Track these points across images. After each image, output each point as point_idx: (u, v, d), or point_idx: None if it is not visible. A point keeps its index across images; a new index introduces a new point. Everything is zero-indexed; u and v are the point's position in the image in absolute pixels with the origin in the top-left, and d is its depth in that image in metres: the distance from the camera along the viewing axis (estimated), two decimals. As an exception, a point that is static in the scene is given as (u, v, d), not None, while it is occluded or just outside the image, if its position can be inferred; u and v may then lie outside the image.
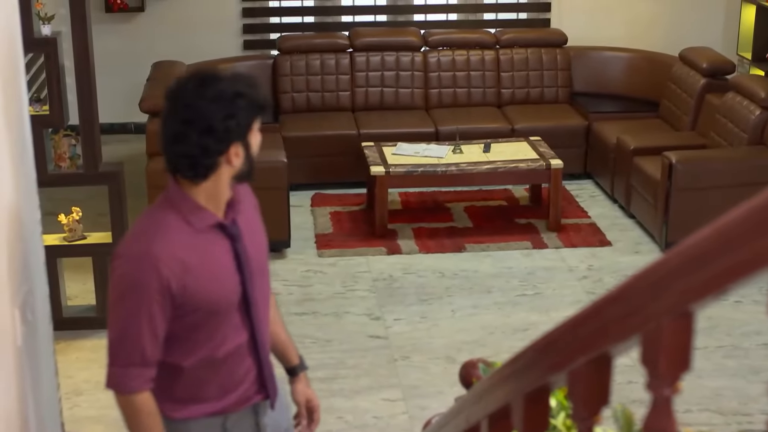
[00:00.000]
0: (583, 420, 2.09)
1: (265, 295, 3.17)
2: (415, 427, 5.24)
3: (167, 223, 2.93)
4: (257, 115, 2.93)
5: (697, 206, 7.28)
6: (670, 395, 1.80)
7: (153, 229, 2.93)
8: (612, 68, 9.51)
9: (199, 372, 3.07)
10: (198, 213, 2.95)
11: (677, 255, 1.66)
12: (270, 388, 3.20)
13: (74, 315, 6.33)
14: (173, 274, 2.88)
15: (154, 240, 2.89)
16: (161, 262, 2.86)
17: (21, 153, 3.71)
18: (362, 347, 6.18)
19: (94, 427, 5.32)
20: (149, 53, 9.48)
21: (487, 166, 7.82)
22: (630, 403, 2.79)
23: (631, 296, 1.80)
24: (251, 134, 2.92)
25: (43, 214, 4.12)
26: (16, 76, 3.68)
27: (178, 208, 2.95)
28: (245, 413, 3.18)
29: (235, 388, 3.13)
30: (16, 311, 3.43)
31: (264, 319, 3.16)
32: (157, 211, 2.97)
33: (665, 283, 1.70)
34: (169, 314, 2.92)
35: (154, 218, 2.96)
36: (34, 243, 3.83)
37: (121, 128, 10.04)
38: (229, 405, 3.13)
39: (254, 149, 2.96)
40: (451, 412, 2.95)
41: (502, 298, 6.83)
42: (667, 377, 1.78)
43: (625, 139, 8.18)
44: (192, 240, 2.94)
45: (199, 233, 2.96)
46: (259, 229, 3.18)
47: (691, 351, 1.79)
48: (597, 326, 1.93)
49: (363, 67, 9.29)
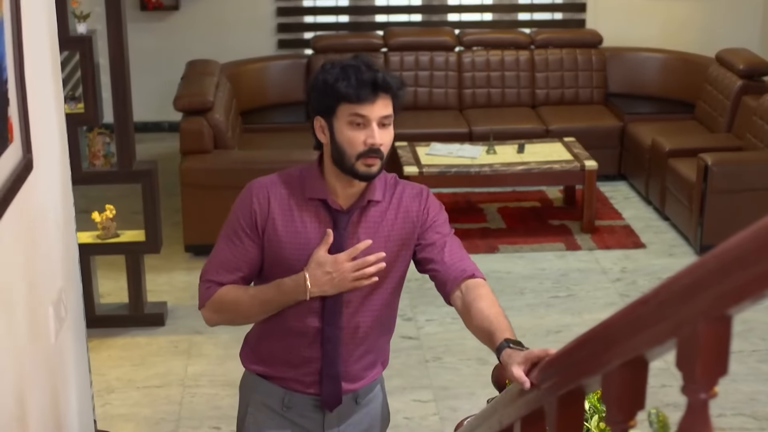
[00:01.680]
0: (617, 424, 2.07)
1: (363, 297, 3.09)
2: (446, 428, 5.22)
3: (286, 176, 3.06)
4: (339, 101, 2.91)
5: (733, 209, 7.23)
6: (706, 399, 1.78)
7: (273, 175, 3.08)
8: (647, 69, 9.45)
9: (269, 333, 3.13)
10: (313, 182, 3.03)
11: (714, 258, 1.64)
12: (326, 389, 3.14)
13: (107, 313, 6.36)
14: (261, 211, 3.01)
15: (264, 179, 3.06)
16: (255, 197, 3.02)
17: (56, 150, 3.73)
18: (394, 348, 6.12)
19: (125, 425, 5.34)
20: (184, 52, 9.51)
21: (520, 166, 7.79)
22: (664, 407, 2.77)
23: (667, 299, 1.78)
24: (336, 119, 2.93)
25: (77, 212, 4.14)
26: (51, 74, 3.69)
27: (303, 172, 3.06)
28: (308, 402, 3.17)
29: (295, 367, 3.13)
30: (51, 308, 3.45)
31: (349, 319, 3.09)
32: (292, 169, 3.10)
33: (701, 286, 1.68)
34: (256, 248, 3.03)
35: (284, 171, 3.10)
36: (68, 241, 3.85)
37: (155, 127, 10.07)
38: (288, 381, 3.15)
39: (343, 140, 2.93)
40: (483, 413, 2.93)
41: (535, 299, 6.80)
42: (703, 381, 1.76)
43: (660, 141, 8.13)
44: (297, 202, 3.02)
45: (308, 201, 3.02)
46: (388, 241, 3.05)
47: (728, 355, 1.77)
48: (632, 329, 1.91)
49: (397, 66, 9.28)
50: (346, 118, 2.91)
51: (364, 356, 3.18)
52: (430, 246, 3.08)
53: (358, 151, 2.91)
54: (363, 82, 2.89)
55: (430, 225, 3.09)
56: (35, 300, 3.27)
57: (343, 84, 2.89)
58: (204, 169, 7.16)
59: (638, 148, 8.53)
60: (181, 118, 7.52)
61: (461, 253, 3.10)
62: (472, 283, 3.03)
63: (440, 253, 3.07)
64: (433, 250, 3.07)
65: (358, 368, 3.18)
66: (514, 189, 8.59)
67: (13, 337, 2.98)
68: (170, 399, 5.63)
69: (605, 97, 9.41)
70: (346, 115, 2.91)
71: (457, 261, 3.07)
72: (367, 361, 3.20)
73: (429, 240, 3.08)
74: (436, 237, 3.09)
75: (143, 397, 5.64)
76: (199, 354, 6.02)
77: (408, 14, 10.16)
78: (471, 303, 2.98)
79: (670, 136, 8.24)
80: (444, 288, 3.07)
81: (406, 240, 3.08)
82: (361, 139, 2.91)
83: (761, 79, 8.41)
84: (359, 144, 2.91)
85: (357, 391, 3.22)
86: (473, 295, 3.00)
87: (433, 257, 3.07)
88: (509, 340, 2.74)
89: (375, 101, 2.90)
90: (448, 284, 3.05)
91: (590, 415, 2.85)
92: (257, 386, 3.21)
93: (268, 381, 3.19)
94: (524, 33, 9.59)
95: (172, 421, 5.43)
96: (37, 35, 3.41)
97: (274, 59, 9.50)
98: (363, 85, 2.89)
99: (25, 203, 3.18)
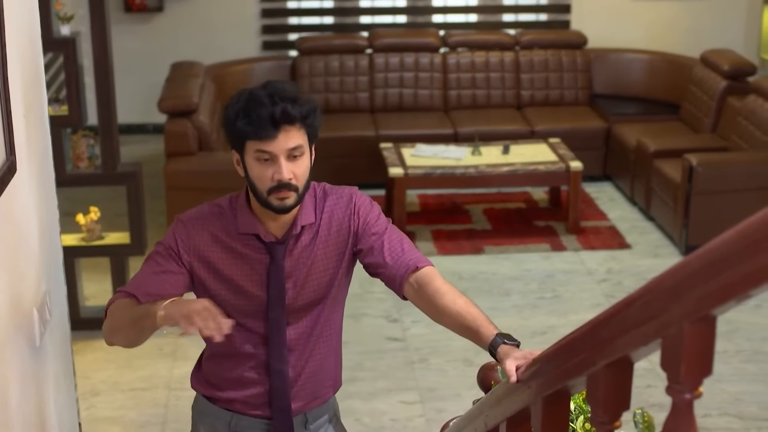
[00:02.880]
0: (602, 424, 2.07)
1: (305, 325, 3.03)
2: (433, 429, 5.22)
3: (217, 209, 2.99)
4: (243, 138, 2.82)
5: (718, 209, 7.25)
6: (691, 400, 1.78)
7: (204, 209, 3.01)
8: (632, 70, 9.47)
9: (218, 353, 3.08)
10: (243, 216, 2.95)
11: (698, 258, 1.64)
12: (276, 421, 3.06)
13: (91, 315, 6.33)
14: (185, 248, 2.93)
15: (192, 215, 2.99)
16: (179, 232, 2.95)
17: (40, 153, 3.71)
18: (380, 349, 6.17)
19: (111, 428, 5.32)
20: (168, 53, 9.50)
21: (506, 168, 7.79)
22: (649, 407, 2.77)
23: (652, 300, 1.78)
24: (245, 154, 2.84)
25: (61, 215, 4.12)
26: (35, 77, 3.68)
27: (233, 203, 2.99)
28: (256, 425, 3.10)
29: (242, 389, 3.07)
30: (35, 311, 3.43)
31: (294, 350, 3.02)
32: (228, 196, 3.03)
33: (686, 286, 1.68)
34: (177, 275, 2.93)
35: (213, 202, 3.02)
36: (52, 243, 3.83)
37: (140, 129, 10.05)
38: (235, 404, 3.09)
39: (253, 175, 2.85)
40: (469, 414, 2.93)
41: (521, 300, 6.80)
42: (688, 382, 1.76)
43: (645, 142, 8.15)
44: (231, 237, 2.95)
45: (242, 236, 2.95)
46: (326, 259, 3.01)
47: (713, 356, 1.77)
48: (617, 329, 1.91)
49: (382, 68, 9.28)
50: (253, 155, 2.82)
51: (314, 377, 3.10)
52: (369, 251, 3.01)
53: (267, 187, 2.83)
54: (261, 119, 2.77)
55: (364, 229, 3.02)
56: (19, 302, 3.25)
57: (243, 122, 2.79)
58: (189, 171, 7.15)
59: (623, 149, 8.54)
60: (166, 120, 7.51)
61: (401, 246, 3.02)
62: (422, 277, 2.95)
63: (380, 255, 3.00)
64: (373, 254, 3.01)
65: (308, 389, 3.10)
66: (499, 190, 8.60)
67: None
68: (156, 402, 5.61)
69: (590, 99, 9.42)
70: (252, 152, 2.82)
71: (398, 257, 2.99)
72: (317, 381, 3.12)
73: (367, 245, 3.01)
74: (373, 240, 3.01)
75: (128, 399, 5.63)
76: (185, 357, 6.00)
77: (393, 15, 10.16)
78: (433, 300, 2.91)
79: (655, 137, 8.26)
80: (393, 286, 3.01)
81: (343, 251, 3.02)
82: (269, 174, 2.82)
83: (746, 80, 8.44)
84: (267, 180, 2.82)
85: (306, 414, 3.13)
86: (430, 291, 2.92)
87: (376, 261, 3.00)
88: (502, 334, 2.72)
89: (276, 136, 2.79)
90: (396, 282, 2.99)
91: (576, 415, 2.84)
92: (205, 409, 3.16)
93: (215, 404, 3.13)
94: (509, 34, 9.59)
95: (158, 423, 5.42)
96: (20, 37, 3.40)
97: (258, 60, 9.49)
98: (261, 121, 2.77)
99: (9, 206, 3.17)
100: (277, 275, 2.94)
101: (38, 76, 3.75)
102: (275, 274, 2.93)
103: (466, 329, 2.83)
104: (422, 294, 2.94)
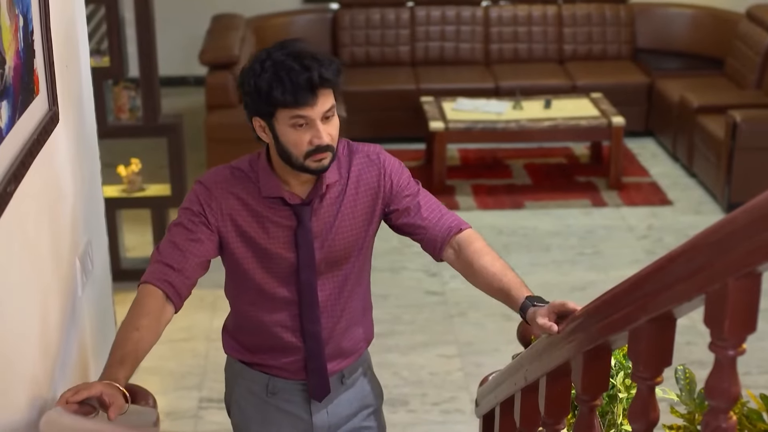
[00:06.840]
0: (644, 380, 2.06)
1: (335, 284, 3.00)
2: (471, 383, 5.23)
3: (238, 172, 2.94)
4: (277, 107, 2.74)
5: (761, 166, 7.18)
6: (734, 356, 1.77)
7: (226, 168, 2.96)
8: (676, 25, 9.36)
9: (248, 321, 3.07)
10: (267, 180, 2.90)
11: (744, 214, 1.62)
12: (312, 381, 3.05)
13: (132, 267, 6.36)
14: (212, 212, 2.89)
15: (215, 175, 2.95)
16: (203, 196, 2.90)
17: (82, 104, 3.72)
18: (418, 303, 6.17)
19: (151, 378, 5.36)
20: (209, 6, 9.47)
21: (547, 122, 7.75)
22: (689, 364, 2.75)
23: (697, 255, 1.77)
24: (276, 122, 2.78)
25: (102, 166, 4.14)
26: (76, 28, 3.69)
27: (253, 165, 2.94)
28: (293, 387, 3.09)
29: (278, 357, 3.06)
30: (77, 261, 3.46)
31: (325, 311, 3.00)
32: (246, 158, 2.97)
33: (731, 242, 1.66)
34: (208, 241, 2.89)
35: (234, 164, 2.97)
36: (94, 194, 3.86)
37: (181, 81, 10.06)
38: (272, 368, 3.08)
39: (287, 141, 2.78)
40: (508, 369, 2.93)
41: (560, 256, 6.78)
42: (732, 338, 1.75)
43: (688, 97, 8.07)
44: (255, 200, 2.90)
45: (266, 199, 2.90)
46: (354, 218, 2.96)
47: (757, 312, 1.76)
48: (661, 285, 1.90)
49: (423, 21, 9.23)
50: (288, 122, 2.75)
51: (347, 334, 3.08)
52: (405, 212, 2.97)
53: (305, 151, 2.77)
54: (299, 86, 2.69)
55: (397, 191, 2.97)
56: (62, 253, 3.27)
57: (278, 91, 2.70)
58: (229, 124, 7.15)
59: (666, 105, 8.46)
60: (207, 73, 7.51)
61: (438, 207, 3.00)
62: (464, 239, 2.94)
63: (418, 216, 2.96)
64: (410, 215, 2.97)
65: (343, 348, 3.08)
66: (540, 145, 8.55)
67: (41, 290, 2.99)
68: (195, 353, 5.65)
69: (633, 53, 9.33)
70: (287, 119, 2.74)
71: (437, 218, 2.97)
72: (350, 338, 3.10)
73: (402, 206, 2.97)
74: (407, 201, 2.97)
75: (168, 350, 5.67)
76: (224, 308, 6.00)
77: (435, -32, 10.06)
78: (471, 261, 2.90)
79: (699, 93, 8.17)
80: (434, 248, 2.98)
81: (372, 212, 2.98)
82: (307, 139, 2.75)
83: (792, 35, 8.32)
84: (305, 144, 2.76)
85: (342, 371, 3.11)
86: (470, 251, 2.91)
87: (413, 222, 2.97)
88: (531, 297, 2.71)
89: (316, 102, 2.72)
90: (438, 244, 2.96)
91: (616, 371, 2.84)
92: (241, 372, 3.13)
93: (251, 368, 3.11)
94: (552, -12, 9.51)
95: (197, 374, 5.46)
96: (62, -13, 3.40)
97: (299, 13, 9.46)
98: (300, 88, 2.69)
99: (51, 156, 3.19)
100: (305, 236, 2.90)
101: (80, 27, 3.75)
102: (303, 236, 2.90)
103: (498, 291, 2.82)
104: (462, 255, 2.93)
